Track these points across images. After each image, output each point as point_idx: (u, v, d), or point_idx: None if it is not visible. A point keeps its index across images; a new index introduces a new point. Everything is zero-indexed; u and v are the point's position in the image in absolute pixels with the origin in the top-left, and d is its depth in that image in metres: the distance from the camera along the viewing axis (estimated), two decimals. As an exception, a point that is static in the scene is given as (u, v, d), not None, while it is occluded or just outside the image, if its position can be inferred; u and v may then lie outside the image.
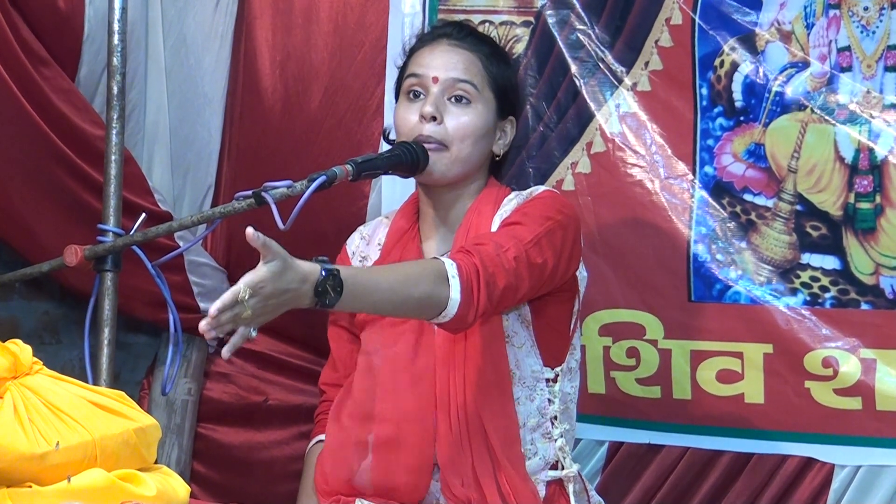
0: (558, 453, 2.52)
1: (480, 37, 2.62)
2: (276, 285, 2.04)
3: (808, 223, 2.96)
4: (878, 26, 2.91)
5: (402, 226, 2.61)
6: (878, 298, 2.90)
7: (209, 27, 3.28)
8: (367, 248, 2.65)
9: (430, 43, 2.58)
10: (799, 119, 2.96)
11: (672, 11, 3.04)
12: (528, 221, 2.40)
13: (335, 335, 2.70)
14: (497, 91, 2.55)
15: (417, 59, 2.56)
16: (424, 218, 2.60)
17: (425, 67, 2.53)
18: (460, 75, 2.51)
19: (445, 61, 2.52)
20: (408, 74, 2.56)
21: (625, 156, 3.08)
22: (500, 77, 2.56)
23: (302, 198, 2.32)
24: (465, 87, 2.51)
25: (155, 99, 3.22)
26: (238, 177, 3.28)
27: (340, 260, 2.68)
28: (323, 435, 2.62)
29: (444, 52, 2.54)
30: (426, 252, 2.57)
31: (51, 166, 3.03)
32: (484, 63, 2.54)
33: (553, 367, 2.53)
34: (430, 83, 2.51)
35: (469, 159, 2.52)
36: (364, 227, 2.72)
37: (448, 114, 2.50)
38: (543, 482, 2.50)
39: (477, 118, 2.51)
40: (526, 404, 2.49)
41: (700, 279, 3.03)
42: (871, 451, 2.90)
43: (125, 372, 3.41)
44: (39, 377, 1.94)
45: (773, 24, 2.98)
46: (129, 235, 2.79)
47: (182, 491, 1.95)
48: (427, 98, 2.50)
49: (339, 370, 2.66)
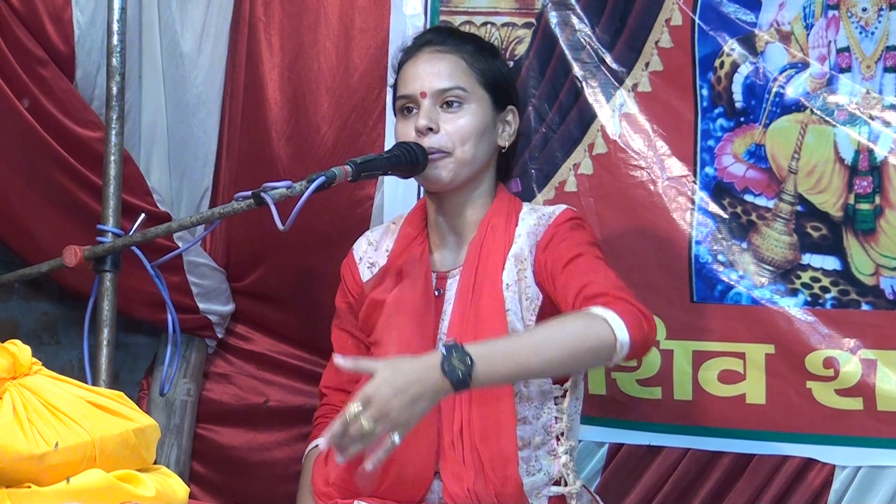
0: (562, 469, 2.51)
1: (462, 36, 2.62)
2: (393, 385, 2.06)
3: (809, 224, 2.96)
4: (877, 27, 2.91)
5: (410, 233, 2.60)
6: (879, 299, 2.90)
7: (202, 27, 3.28)
8: (375, 255, 2.64)
9: (413, 55, 2.58)
10: (799, 120, 2.96)
11: (672, 12, 3.04)
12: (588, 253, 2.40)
13: (339, 339, 2.69)
14: (488, 86, 2.55)
15: (404, 77, 2.56)
16: (433, 226, 2.59)
17: (411, 85, 2.53)
18: (445, 83, 2.51)
19: (430, 72, 2.52)
20: (399, 95, 2.56)
21: (626, 157, 3.08)
22: (488, 71, 2.55)
23: (301, 198, 2.32)
24: (453, 93, 2.51)
25: (153, 99, 3.22)
26: (240, 178, 3.28)
27: (347, 265, 2.68)
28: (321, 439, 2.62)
29: (427, 63, 2.54)
30: (436, 262, 2.56)
31: (50, 167, 3.03)
32: (468, 62, 2.54)
33: (562, 384, 2.53)
34: (419, 99, 2.51)
35: (474, 160, 2.52)
36: (371, 233, 2.71)
37: (443, 121, 2.50)
38: (546, 497, 2.49)
39: (473, 118, 2.51)
40: (532, 423, 2.48)
41: (702, 280, 3.02)
42: (872, 451, 2.90)
43: (124, 372, 3.41)
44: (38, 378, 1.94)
45: (773, 25, 2.98)
46: (129, 236, 2.79)
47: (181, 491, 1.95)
48: (420, 112, 2.51)
49: (342, 374, 2.64)
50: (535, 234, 2.50)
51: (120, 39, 2.93)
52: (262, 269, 3.35)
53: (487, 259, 2.50)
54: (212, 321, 3.31)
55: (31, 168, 3.02)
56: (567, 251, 2.43)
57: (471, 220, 2.55)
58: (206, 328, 3.32)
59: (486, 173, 2.57)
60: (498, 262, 2.49)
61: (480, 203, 2.56)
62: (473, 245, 2.51)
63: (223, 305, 3.33)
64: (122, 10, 2.93)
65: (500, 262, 2.49)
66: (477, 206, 2.56)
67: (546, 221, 2.51)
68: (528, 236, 2.49)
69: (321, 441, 2.52)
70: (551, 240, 2.47)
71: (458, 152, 2.49)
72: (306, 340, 3.35)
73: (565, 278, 2.39)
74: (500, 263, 2.49)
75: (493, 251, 2.50)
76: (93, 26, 3.04)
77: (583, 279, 2.35)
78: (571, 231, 2.48)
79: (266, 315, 3.40)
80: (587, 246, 2.44)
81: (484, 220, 2.53)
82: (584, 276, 2.36)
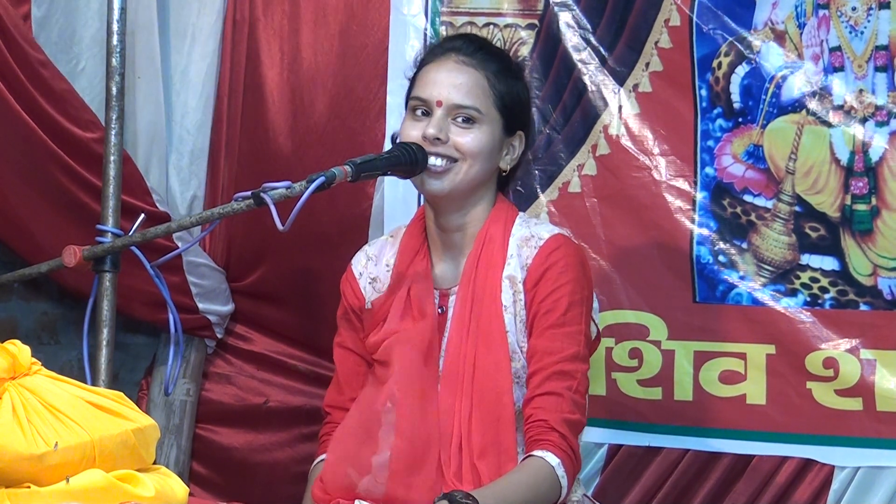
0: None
1: (491, 52, 2.57)
2: None
3: (807, 224, 2.96)
4: (867, 27, 2.91)
5: (413, 245, 2.59)
6: (877, 299, 2.91)
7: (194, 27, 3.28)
8: (375, 269, 2.63)
9: (438, 58, 2.54)
10: (795, 120, 2.97)
11: (671, 13, 3.04)
12: (569, 322, 2.47)
13: (341, 357, 2.66)
14: (503, 109, 2.53)
15: (424, 77, 2.53)
16: (433, 239, 2.59)
17: (430, 89, 2.50)
18: (463, 100, 2.49)
19: (450, 83, 2.50)
20: (414, 95, 2.54)
21: (628, 157, 3.08)
22: (507, 95, 2.53)
23: (301, 199, 2.32)
24: (468, 112, 2.50)
25: (152, 99, 3.22)
26: (240, 178, 3.28)
27: (346, 281, 2.66)
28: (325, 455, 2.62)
29: (451, 72, 2.51)
30: (437, 278, 2.56)
31: (50, 167, 3.03)
32: (491, 82, 2.52)
33: None
34: (434, 106, 2.50)
35: (475, 177, 2.51)
36: (369, 247, 2.69)
37: (452, 133, 2.49)
38: None
39: (481, 138, 2.50)
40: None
41: (704, 280, 3.03)
42: (871, 452, 2.91)
43: (124, 372, 3.41)
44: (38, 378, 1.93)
45: (767, 24, 2.98)
46: (128, 236, 2.78)
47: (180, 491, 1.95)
48: (432, 119, 2.49)
49: (345, 392, 2.63)
50: (522, 257, 2.50)
51: (120, 39, 2.93)
52: (262, 270, 3.35)
53: (485, 277, 2.50)
54: (211, 321, 3.31)
55: (31, 168, 3.02)
56: (552, 311, 2.47)
57: (469, 234, 2.54)
58: (205, 328, 3.32)
59: (485, 191, 2.55)
60: (495, 280, 2.49)
61: (478, 218, 2.55)
62: (470, 261, 2.52)
63: (222, 305, 3.33)
64: (121, 10, 2.93)
65: (497, 280, 2.49)
66: (474, 221, 2.55)
67: (535, 245, 2.50)
68: (517, 258, 2.50)
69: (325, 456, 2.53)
70: (540, 280, 2.48)
71: (464, 166, 2.49)
72: (306, 340, 3.35)
73: (541, 343, 2.47)
74: (498, 282, 2.49)
75: (490, 266, 2.50)
76: (47, 21, 3.05)
77: (551, 363, 2.45)
78: (559, 277, 2.48)
79: (266, 315, 3.40)
80: (570, 307, 2.47)
81: (481, 233, 2.53)
82: (553, 356, 2.46)
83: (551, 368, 2.45)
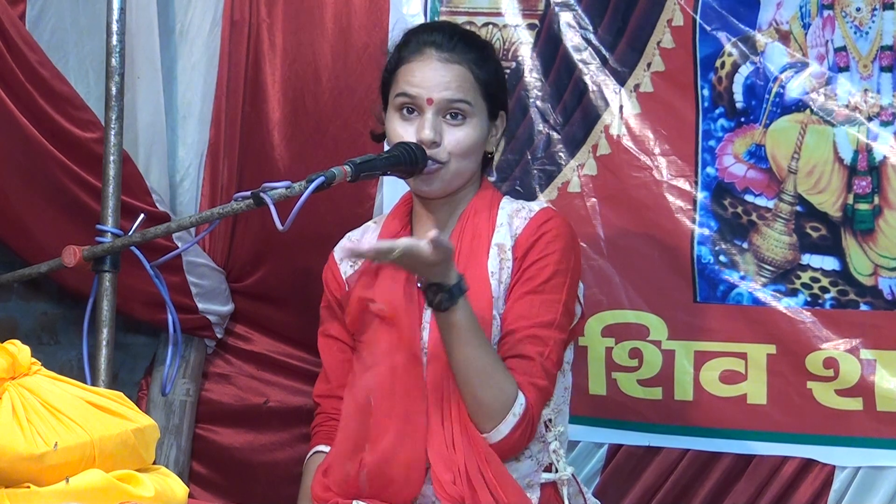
0: (552, 456, 2.51)
1: (467, 41, 2.57)
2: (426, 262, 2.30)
3: (808, 224, 2.96)
4: (871, 27, 2.91)
5: (395, 226, 2.60)
6: (877, 299, 2.91)
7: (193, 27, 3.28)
8: None
9: (418, 55, 2.53)
10: (798, 120, 2.96)
11: (674, 12, 3.04)
12: (550, 290, 2.47)
13: (326, 346, 2.67)
14: (488, 96, 2.53)
15: (407, 76, 2.52)
16: (419, 219, 2.59)
17: (418, 87, 2.50)
18: (454, 95, 2.49)
19: (438, 80, 2.49)
20: (399, 93, 2.52)
21: (629, 157, 3.08)
22: (488, 80, 2.54)
23: (300, 199, 2.31)
24: (459, 106, 2.50)
25: (152, 99, 3.22)
26: (240, 178, 3.28)
27: (328, 268, 2.66)
28: (320, 446, 2.62)
29: (436, 70, 2.50)
30: None
31: (49, 167, 3.03)
32: (475, 73, 2.52)
33: None
34: (424, 104, 2.49)
35: (466, 171, 2.53)
36: (352, 233, 2.69)
37: (445, 132, 2.49)
38: (537, 485, 2.49)
39: (472, 132, 2.50)
40: None
41: (704, 280, 3.03)
42: (872, 452, 2.91)
43: (123, 372, 3.41)
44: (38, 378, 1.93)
45: (772, 24, 2.98)
46: (128, 236, 2.78)
47: (180, 491, 1.95)
48: (423, 119, 2.48)
49: (332, 381, 2.64)
50: (512, 227, 2.51)
51: (119, 40, 2.92)
52: (262, 270, 3.35)
53: (471, 245, 2.51)
54: (211, 321, 3.31)
55: (31, 168, 3.02)
56: (535, 277, 2.47)
57: (456, 213, 2.56)
58: (205, 328, 3.32)
59: (474, 177, 2.57)
60: (483, 246, 2.50)
61: (466, 200, 2.56)
62: (455, 231, 2.53)
63: (222, 305, 3.33)
64: (121, 10, 2.93)
65: (484, 247, 2.50)
66: (462, 202, 2.56)
67: (525, 216, 2.52)
68: (508, 227, 2.51)
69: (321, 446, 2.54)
70: (530, 248, 2.49)
71: (454, 164, 2.49)
72: (306, 340, 3.34)
73: (518, 307, 2.47)
74: (485, 249, 2.50)
75: (477, 235, 2.51)
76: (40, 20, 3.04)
77: (525, 327, 2.46)
78: (548, 245, 2.48)
79: (266, 315, 3.40)
80: (554, 275, 2.47)
81: (465, 211, 2.54)
82: (528, 320, 2.46)
83: (525, 332, 2.44)
